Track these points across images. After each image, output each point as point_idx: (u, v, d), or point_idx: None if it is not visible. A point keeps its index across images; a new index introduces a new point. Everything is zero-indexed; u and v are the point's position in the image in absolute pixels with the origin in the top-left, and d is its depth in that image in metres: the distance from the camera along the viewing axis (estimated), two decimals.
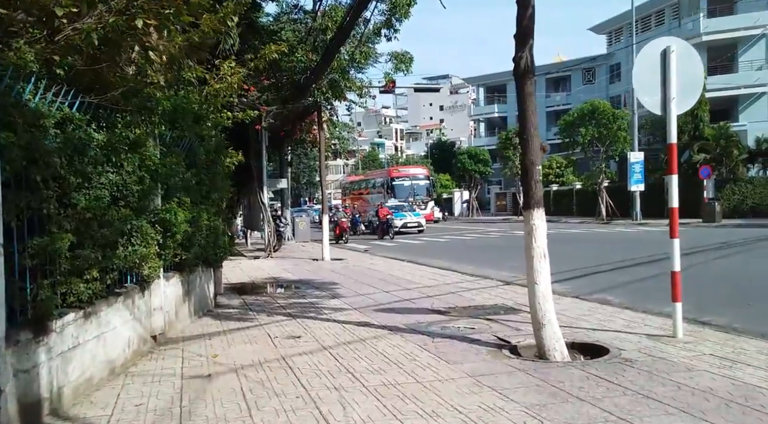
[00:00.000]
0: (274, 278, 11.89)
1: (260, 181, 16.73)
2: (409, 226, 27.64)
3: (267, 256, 16.65)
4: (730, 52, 41.16)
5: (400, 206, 29.64)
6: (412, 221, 27.90)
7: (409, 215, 28.14)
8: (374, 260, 15.27)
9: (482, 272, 12.17)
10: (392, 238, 24.62)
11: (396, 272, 12.22)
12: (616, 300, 8.40)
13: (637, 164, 31.86)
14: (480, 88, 73.65)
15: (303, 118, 17.86)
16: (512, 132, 42.56)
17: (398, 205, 30.19)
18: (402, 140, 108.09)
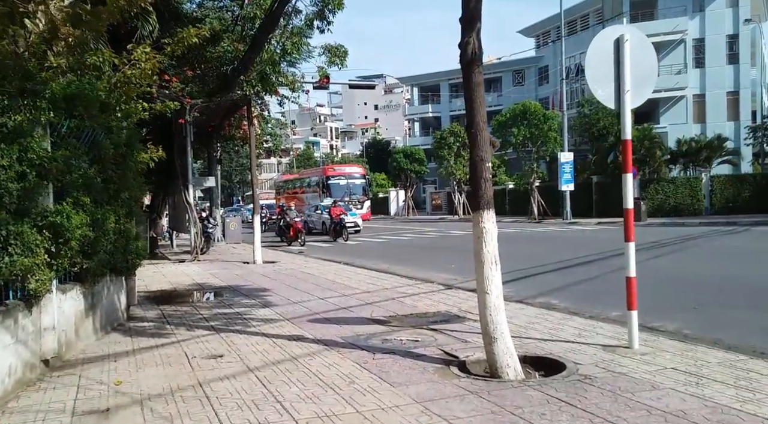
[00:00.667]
0: (199, 285, 10.94)
1: (185, 179, 15.61)
2: (346, 225, 26.71)
3: (193, 259, 15.56)
4: None
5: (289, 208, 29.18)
6: (348, 221, 27.10)
7: (345, 215, 27.33)
8: (309, 263, 14.52)
9: (422, 275, 11.69)
10: (346, 240, 23.24)
11: (332, 276, 11.55)
12: (561, 304, 8.08)
13: (566, 164, 32.55)
14: (414, 88, 73.92)
15: (232, 113, 16.85)
16: (447, 131, 42.71)
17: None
18: (337, 139, 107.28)
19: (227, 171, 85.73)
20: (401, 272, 12.58)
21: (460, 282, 10.69)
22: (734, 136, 39.03)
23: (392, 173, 52.25)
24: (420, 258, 15.63)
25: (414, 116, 73.78)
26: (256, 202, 15.00)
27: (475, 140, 5.06)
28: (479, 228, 5.01)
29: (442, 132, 43.60)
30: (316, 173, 38.00)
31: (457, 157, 42.28)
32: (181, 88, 13.56)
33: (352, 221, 26.18)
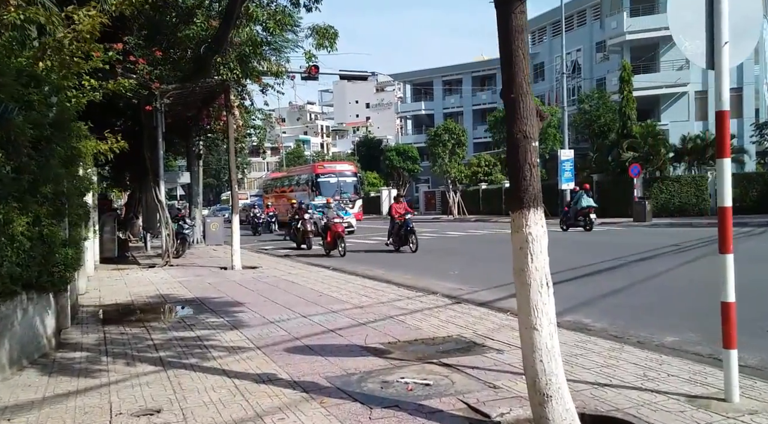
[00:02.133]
0: (163, 297, 9.36)
1: (155, 175, 14.00)
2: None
3: (164, 264, 13.95)
4: (653, 51, 41.63)
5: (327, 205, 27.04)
6: (341, 221, 25.45)
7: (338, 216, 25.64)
8: (294, 269, 12.96)
9: (423, 284, 10.19)
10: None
11: (319, 285, 10.01)
12: (597, 325, 6.61)
13: (567, 162, 31.22)
14: (407, 85, 72.49)
15: (210, 102, 15.25)
16: (442, 128, 41.28)
17: (323, 203, 27.55)
18: (328, 137, 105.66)
19: (215, 169, 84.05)
20: (398, 280, 11.08)
21: (467, 293, 9.20)
22: (738, 134, 37.79)
23: (384, 172, 50.85)
24: (417, 263, 14.13)
25: (407, 114, 72.30)
26: (235, 201, 13.41)
27: (515, 109, 3.55)
28: (522, 234, 3.51)
29: (436, 128, 42.17)
30: (305, 171, 36.24)
31: (452, 155, 40.88)
32: (149, 71, 11.96)
33: (347, 222, 24.30)
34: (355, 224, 25.32)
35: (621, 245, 16.26)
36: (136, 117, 14.22)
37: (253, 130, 18.43)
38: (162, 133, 13.84)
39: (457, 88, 66.49)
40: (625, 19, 41.20)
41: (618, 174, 32.05)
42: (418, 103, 68.99)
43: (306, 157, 75.94)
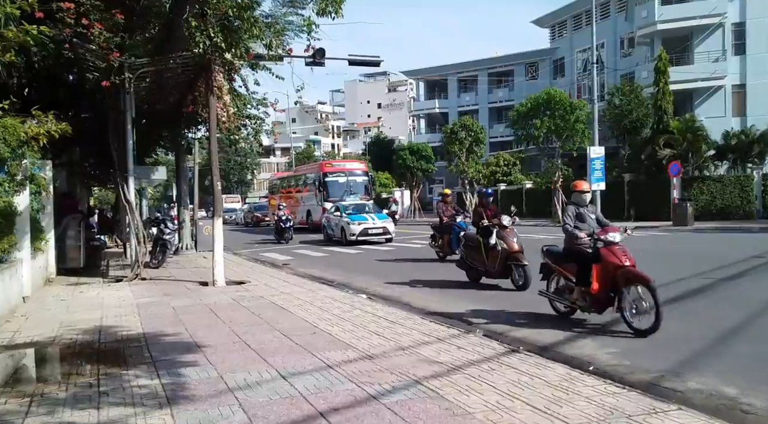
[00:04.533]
0: (101, 331, 6.86)
1: (122, 169, 11.56)
2: (372, 232, 20.42)
3: (133, 278, 11.49)
4: (686, 42, 38.78)
5: (359, 207, 22.33)
6: (375, 225, 20.58)
7: (370, 218, 20.81)
8: (288, 286, 10.45)
9: (451, 308, 7.70)
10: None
11: (315, 314, 7.48)
12: (751, 400, 4.02)
13: (597, 160, 28.47)
14: (420, 83, 69.91)
15: (194, 83, 12.76)
16: (458, 125, 38.63)
17: (357, 204, 23.17)
18: (339, 138, 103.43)
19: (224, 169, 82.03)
20: (419, 303, 8.56)
21: (516, 327, 6.64)
22: None
23: (397, 172, 48.28)
24: (439, 277, 11.57)
25: (420, 112, 69.69)
26: (218, 198, 10.88)
27: None
28: None
29: (453, 125, 39.48)
30: (312, 170, 33.41)
31: (470, 154, 38.22)
32: (107, 38, 9.50)
33: (380, 226, 20.51)
34: (392, 229, 21.03)
35: (687, 254, 13.61)
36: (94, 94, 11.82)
37: (248, 121, 15.91)
38: (132, 119, 11.39)
39: (472, 86, 63.84)
40: (656, 8, 38.35)
41: (653, 173, 29.31)
42: (431, 101, 66.43)
43: (316, 157, 73.49)
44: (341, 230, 20.83)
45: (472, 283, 10.40)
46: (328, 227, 22.23)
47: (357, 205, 22.52)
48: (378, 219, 20.86)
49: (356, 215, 21.06)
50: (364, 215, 21.15)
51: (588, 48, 50.20)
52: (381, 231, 20.50)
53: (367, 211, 21.75)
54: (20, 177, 8.49)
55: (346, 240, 20.31)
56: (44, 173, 10.99)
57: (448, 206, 14.57)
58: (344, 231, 20.50)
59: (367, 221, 20.62)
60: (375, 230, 20.44)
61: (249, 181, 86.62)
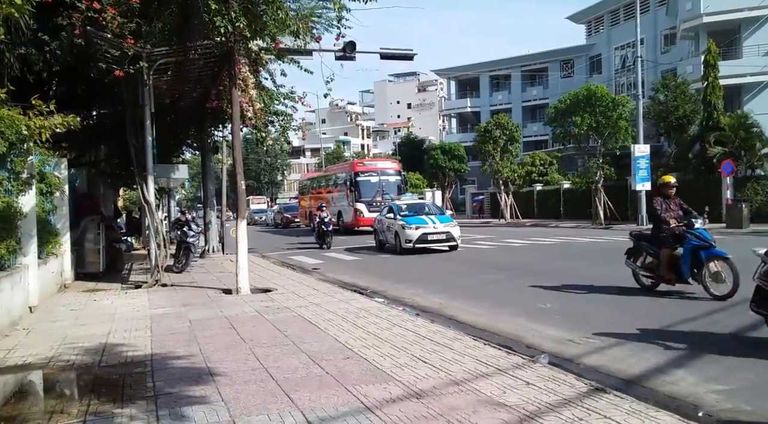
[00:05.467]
0: (105, 351, 6.01)
1: (141, 168, 10.80)
2: (432, 239, 16.65)
3: (153, 284, 10.71)
4: (734, 36, 36.78)
5: (417, 207, 18.91)
6: (436, 230, 16.72)
7: (430, 221, 17.02)
8: (318, 295, 9.52)
9: (506, 327, 6.70)
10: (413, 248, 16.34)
11: (348, 330, 6.52)
12: None
13: (642, 159, 27.00)
14: (451, 82, 68.65)
15: (217, 76, 11.95)
16: (492, 123, 37.33)
17: (414, 203, 20.20)
18: (368, 138, 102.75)
19: (255, 170, 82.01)
20: (465, 317, 7.55)
21: (589, 352, 5.57)
22: None
23: (428, 172, 47.16)
24: (486, 285, 10.52)
25: (451, 111, 68.41)
26: (242, 200, 10.00)
27: None
28: None
29: (487, 124, 38.18)
30: (343, 169, 32.32)
31: (504, 153, 36.90)
32: (120, 24, 8.71)
33: (443, 231, 16.70)
34: (458, 234, 17.15)
35: None
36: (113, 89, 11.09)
37: (275, 118, 15.06)
38: (151, 115, 10.61)
39: (505, 84, 62.34)
40: (702, 0, 36.44)
41: (701, 173, 27.62)
42: (463, 100, 65.15)
43: (346, 158, 72.80)
44: (395, 236, 17.30)
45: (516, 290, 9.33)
46: (380, 232, 18.77)
47: (414, 205, 19.21)
48: (440, 222, 16.98)
49: (413, 217, 17.42)
50: (423, 216, 17.45)
51: (626, 44, 48.57)
52: (443, 237, 16.64)
53: (426, 211, 18.27)
54: (26, 175, 7.74)
55: (400, 248, 16.78)
56: (59, 172, 10.30)
57: (672, 203, 9.22)
58: (398, 237, 16.95)
59: (426, 224, 16.75)
60: (436, 236, 16.58)
61: (279, 182, 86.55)
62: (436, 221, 16.98)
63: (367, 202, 27.20)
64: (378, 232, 19.00)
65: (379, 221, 19.07)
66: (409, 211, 18.00)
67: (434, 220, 17.05)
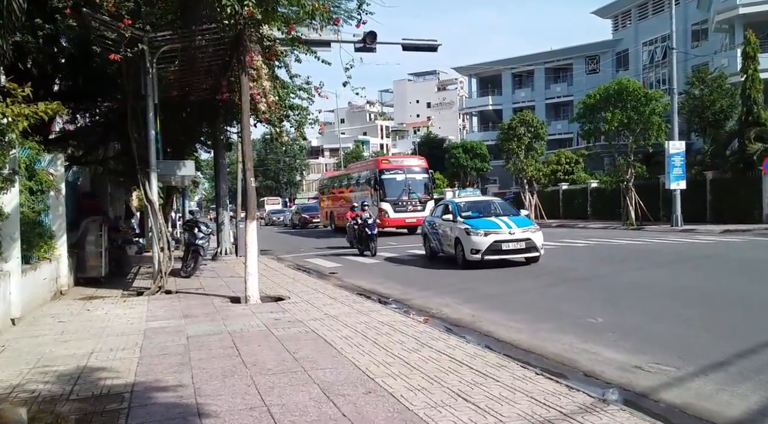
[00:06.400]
0: (80, 375, 5.09)
1: (144, 164, 9.92)
2: (509, 248, 12.59)
3: (155, 291, 9.82)
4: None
5: (481, 205, 14.71)
6: (513, 236, 12.65)
7: (504, 225, 12.91)
8: (336, 303, 8.54)
9: (551, 344, 5.67)
10: None
11: (368, 352, 5.53)
12: None
13: (677, 156, 25.59)
14: (472, 80, 67.36)
15: (227, 65, 11.04)
16: (516, 120, 36.06)
17: (475, 201, 15.80)
18: (388, 138, 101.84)
19: (274, 171, 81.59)
20: (504, 334, 6.51)
21: (667, 384, 4.49)
22: None
23: (449, 171, 46.03)
24: (520, 294, 9.44)
25: (472, 110, 67.18)
26: (251, 199, 9.06)
27: None
28: None
29: (510, 121, 36.92)
30: (366, 167, 30.59)
31: (528, 151, 35.62)
32: (116, 3, 7.83)
33: (522, 238, 12.67)
34: (540, 241, 13.01)
35: None
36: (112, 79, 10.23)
37: (291, 112, 14.13)
38: (154, 106, 9.73)
39: (528, 81, 60.93)
40: None
41: (739, 171, 26.11)
42: (484, 98, 63.83)
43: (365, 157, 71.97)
44: (455, 243, 13.35)
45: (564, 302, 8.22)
46: (431, 238, 15.11)
47: (478, 204, 14.94)
48: (516, 225, 12.89)
49: (479, 219, 13.52)
50: (492, 218, 13.45)
51: (655, 39, 46.90)
52: (523, 245, 12.66)
53: (495, 211, 14.20)
54: (7, 171, 6.87)
55: (463, 259, 12.87)
56: (54, 169, 9.46)
57: None
58: (461, 245, 12.99)
59: (500, 229, 12.71)
60: (513, 245, 12.57)
61: (298, 182, 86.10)
62: (512, 224, 12.89)
63: (393, 202, 25.89)
64: (428, 237, 15.30)
65: (431, 223, 15.33)
66: (472, 211, 14.09)
67: (508, 223, 12.95)
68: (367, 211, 17.50)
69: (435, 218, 15.28)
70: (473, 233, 12.69)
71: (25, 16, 8.98)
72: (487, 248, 12.48)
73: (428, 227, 15.55)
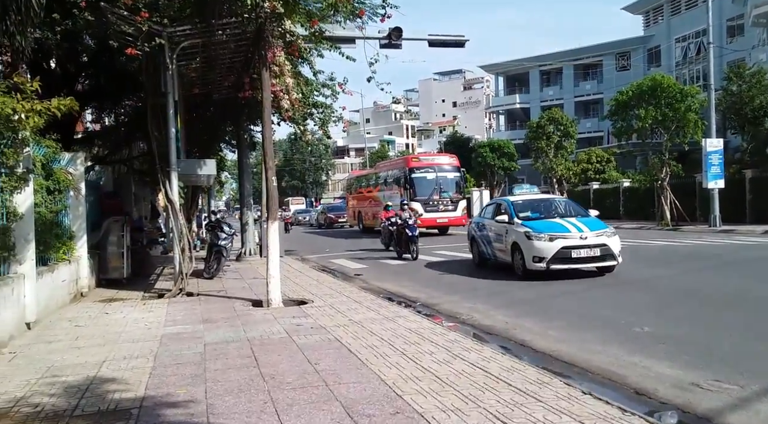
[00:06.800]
0: (89, 386, 4.78)
1: (164, 163, 9.66)
2: (580, 256, 10.60)
3: (176, 293, 9.57)
4: None
5: (541, 205, 12.52)
6: (585, 242, 10.67)
7: (573, 228, 10.92)
8: (361, 308, 8.15)
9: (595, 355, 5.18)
10: None
11: (395, 364, 5.12)
12: None
13: (715, 154, 24.64)
14: (499, 78, 66.44)
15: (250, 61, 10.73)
16: (545, 118, 35.26)
17: (536, 199, 12.97)
18: (413, 137, 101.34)
19: (299, 170, 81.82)
20: (543, 345, 6.06)
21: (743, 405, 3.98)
22: None
23: (475, 171, 45.27)
24: (556, 299, 8.93)
25: (498, 108, 66.28)
26: (272, 199, 8.73)
27: None
28: None
29: (539, 119, 36.13)
30: (395, 166, 29.51)
31: (558, 150, 34.81)
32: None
33: (595, 243, 10.66)
34: (618, 248, 10.91)
35: None
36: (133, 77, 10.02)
37: (315, 110, 13.80)
38: (174, 103, 9.46)
39: (556, 79, 59.81)
40: None
41: None
42: (512, 97, 62.88)
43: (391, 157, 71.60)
44: (513, 250, 11.29)
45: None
46: (481, 242, 13.10)
47: (537, 203, 12.58)
48: (588, 228, 10.84)
49: (542, 220, 11.43)
50: (557, 220, 11.34)
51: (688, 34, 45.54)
52: (597, 253, 10.59)
53: (558, 211, 12.11)
54: (21, 170, 6.64)
55: (524, 269, 10.87)
56: (74, 168, 9.27)
57: None
58: (520, 252, 10.97)
59: (569, 232, 10.69)
60: (585, 252, 10.53)
61: (323, 182, 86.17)
62: (583, 226, 10.79)
63: (424, 201, 25.17)
64: (477, 241, 13.32)
65: (480, 225, 13.31)
66: (532, 211, 11.93)
67: (579, 225, 10.87)
68: (406, 210, 16.18)
69: (484, 219, 13.39)
70: (536, 238, 10.59)
71: (44, 11, 8.83)
72: (553, 255, 10.41)
73: (476, 229, 13.55)
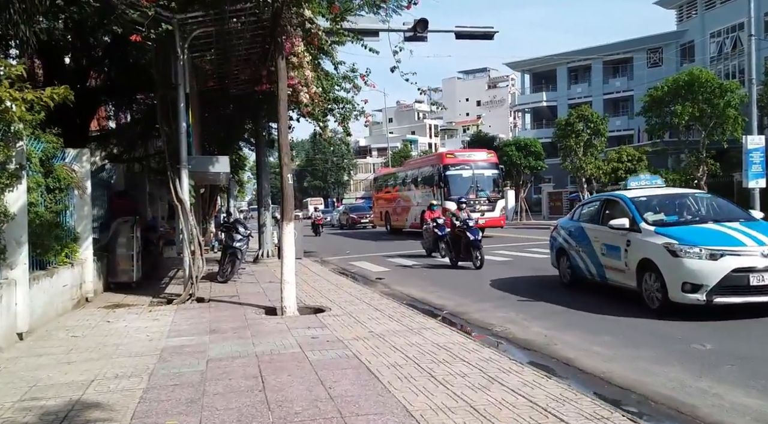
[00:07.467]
0: (69, 413, 4.15)
1: (174, 159, 9.07)
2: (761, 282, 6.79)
3: (185, 299, 8.97)
4: None
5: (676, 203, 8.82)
6: None
7: (750, 240, 7.18)
8: (382, 317, 7.45)
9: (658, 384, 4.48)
10: None
11: (422, 389, 4.40)
12: None
13: (756, 152, 23.29)
14: (525, 75, 65.12)
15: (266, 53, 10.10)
16: (574, 116, 34.12)
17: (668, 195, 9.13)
18: (436, 137, 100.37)
19: (321, 171, 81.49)
20: (590, 365, 5.29)
21: None
22: None
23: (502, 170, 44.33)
24: (600, 307, 8.08)
25: (524, 107, 64.93)
26: (288, 199, 8.10)
27: None
28: None
29: (568, 116, 35.01)
30: (427, 163, 27.65)
31: (587, 148, 33.65)
32: None
33: None
34: None
35: None
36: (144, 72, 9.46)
37: (335, 105, 13.10)
38: (185, 96, 8.86)
39: (584, 76, 58.35)
40: None
41: None
42: (538, 94, 61.56)
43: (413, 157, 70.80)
44: (640, 269, 7.80)
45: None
46: (576, 255, 9.68)
47: (671, 200, 9.00)
48: None
49: (690, 226, 7.90)
50: (712, 226, 7.81)
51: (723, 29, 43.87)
52: None
53: (703, 212, 8.61)
54: (13, 166, 6.07)
55: (665, 300, 7.26)
56: (79, 165, 8.73)
57: None
58: (656, 273, 7.43)
59: (744, 246, 7.15)
60: None
61: (345, 182, 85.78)
62: (763, 237, 7.31)
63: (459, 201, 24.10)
64: (567, 253, 9.99)
65: (570, 231, 10.08)
66: (666, 213, 8.50)
67: (754, 234, 7.40)
68: (464, 210, 14.13)
69: (579, 222, 9.89)
70: (686, 253, 7.09)
71: None
72: (719, 281, 6.86)
73: (565, 236, 10.15)
